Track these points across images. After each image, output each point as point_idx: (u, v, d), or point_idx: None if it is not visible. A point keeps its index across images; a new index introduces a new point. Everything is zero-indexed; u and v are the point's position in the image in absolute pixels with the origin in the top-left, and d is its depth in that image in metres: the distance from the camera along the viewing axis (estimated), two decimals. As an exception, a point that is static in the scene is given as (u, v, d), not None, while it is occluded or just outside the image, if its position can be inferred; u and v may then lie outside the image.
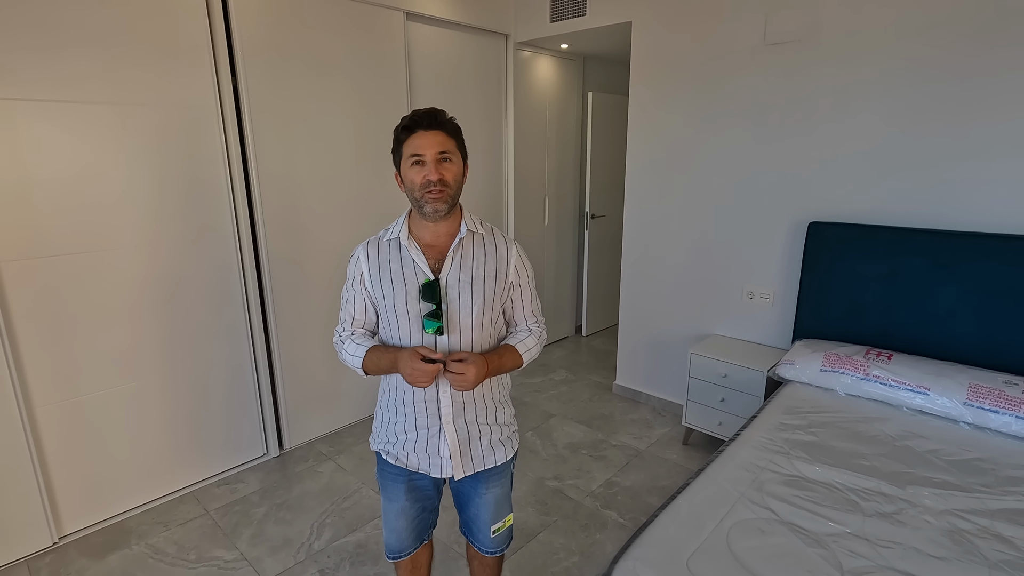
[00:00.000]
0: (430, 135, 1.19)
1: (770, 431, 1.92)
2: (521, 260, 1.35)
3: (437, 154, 1.19)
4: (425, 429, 1.32)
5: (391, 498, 1.41)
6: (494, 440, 1.37)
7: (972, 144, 2.11)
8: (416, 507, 1.42)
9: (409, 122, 1.20)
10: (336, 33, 2.64)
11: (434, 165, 1.19)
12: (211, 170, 2.34)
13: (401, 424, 1.34)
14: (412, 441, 1.33)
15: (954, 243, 2.12)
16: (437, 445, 1.32)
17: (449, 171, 1.21)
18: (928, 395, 1.98)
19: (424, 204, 1.21)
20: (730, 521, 1.44)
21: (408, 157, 1.20)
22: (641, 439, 2.89)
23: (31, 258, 1.96)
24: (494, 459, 1.37)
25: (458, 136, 1.25)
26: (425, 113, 1.20)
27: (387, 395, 1.36)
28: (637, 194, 3.14)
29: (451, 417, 1.31)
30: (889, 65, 2.24)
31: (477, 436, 1.35)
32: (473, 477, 1.38)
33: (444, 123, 1.22)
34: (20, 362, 1.98)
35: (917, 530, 1.41)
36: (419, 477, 1.38)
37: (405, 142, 1.21)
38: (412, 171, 1.20)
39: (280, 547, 2.12)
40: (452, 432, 1.31)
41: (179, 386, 2.39)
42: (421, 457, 1.34)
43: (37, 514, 2.06)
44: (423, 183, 1.19)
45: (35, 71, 1.88)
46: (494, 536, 1.45)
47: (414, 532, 1.45)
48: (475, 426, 1.34)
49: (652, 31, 2.90)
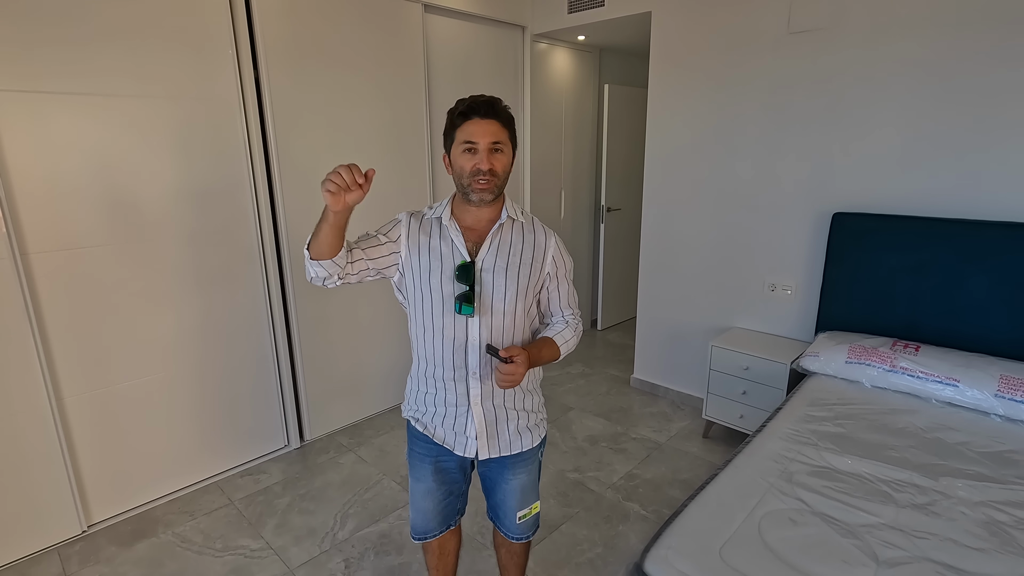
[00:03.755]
0: (485, 124, 1.19)
1: (796, 423, 1.90)
2: (560, 252, 1.35)
3: (490, 143, 1.19)
4: (454, 407, 1.33)
5: (419, 478, 1.42)
6: (521, 426, 1.38)
7: (1001, 133, 2.07)
8: (443, 489, 1.43)
9: (467, 108, 1.20)
10: (355, 26, 2.64)
11: (486, 155, 1.19)
12: (234, 162, 2.35)
13: (432, 396, 1.35)
14: (440, 415, 1.35)
15: (984, 233, 2.09)
16: (464, 424, 1.34)
17: (499, 161, 1.21)
18: (958, 387, 1.95)
19: (471, 191, 1.22)
20: (761, 511, 1.43)
21: (461, 143, 1.20)
22: (660, 432, 2.88)
23: (60, 250, 1.99)
24: (520, 445, 1.38)
25: (511, 126, 1.25)
26: (484, 101, 1.20)
27: (419, 365, 1.36)
28: (656, 186, 3.12)
29: (479, 399, 1.32)
30: (916, 54, 2.20)
31: (504, 420, 1.36)
32: (499, 462, 1.39)
33: (500, 112, 1.22)
34: (50, 353, 2.01)
35: (952, 521, 1.39)
36: (446, 459, 1.39)
37: (460, 127, 1.21)
38: (463, 157, 1.21)
39: (304, 536, 2.14)
40: (480, 413, 1.33)
41: (203, 377, 2.41)
42: (448, 433, 1.36)
43: (67, 502, 2.09)
44: (473, 170, 1.20)
45: (63, 64, 1.90)
46: (520, 523, 1.46)
47: (440, 515, 1.46)
48: (503, 410, 1.35)
49: (672, 20, 2.87)
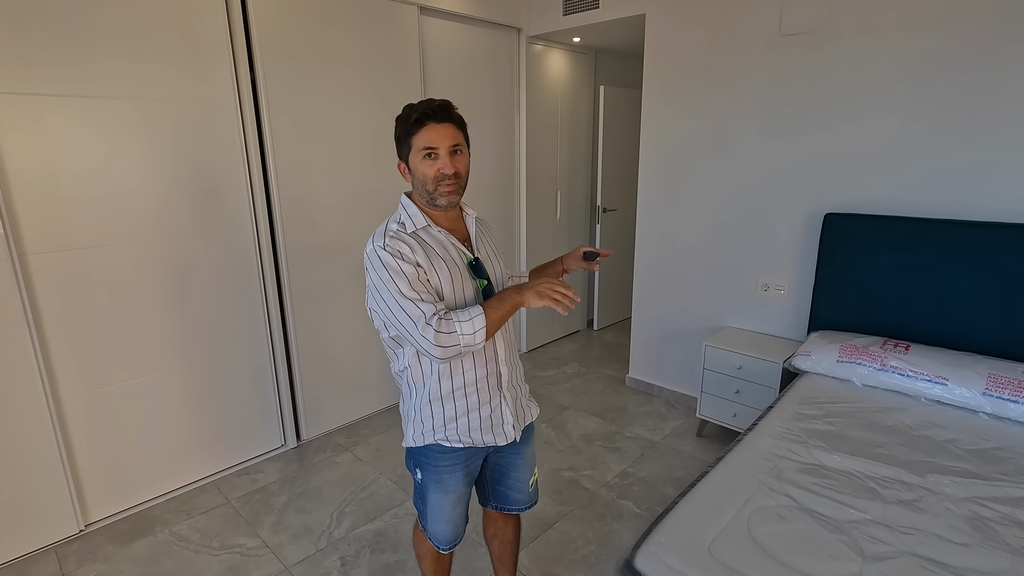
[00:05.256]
0: (442, 128, 1.20)
1: (787, 421, 1.92)
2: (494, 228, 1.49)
3: (450, 147, 1.21)
4: (488, 404, 1.35)
5: (448, 489, 1.38)
6: (527, 398, 1.49)
7: (989, 135, 2.10)
8: (469, 489, 1.45)
9: (420, 115, 1.19)
10: (351, 28, 2.66)
11: (448, 158, 1.20)
12: (230, 164, 2.37)
13: (462, 407, 1.31)
14: (476, 420, 1.34)
15: (972, 233, 2.12)
16: (501, 415, 1.37)
17: (461, 163, 1.24)
18: (946, 385, 1.97)
19: (438, 196, 1.23)
20: (750, 508, 1.45)
21: (420, 150, 1.20)
22: (655, 431, 2.91)
23: (57, 251, 2.00)
24: (530, 414, 1.49)
25: (465, 128, 1.28)
26: (437, 106, 1.21)
27: (441, 385, 1.29)
28: (651, 187, 3.14)
29: (508, 383, 1.38)
30: (906, 56, 2.22)
31: (520, 396, 1.44)
32: None
33: (454, 116, 1.24)
34: (47, 353, 2.02)
35: (938, 517, 1.41)
36: (475, 458, 1.40)
37: (416, 134, 1.20)
38: (424, 164, 1.21)
39: (301, 535, 2.16)
40: (511, 397, 1.39)
41: (200, 377, 2.43)
42: (486, 433, 1.36)
43: (64, 502, 2.11)
44: (437, 176, 1.21)
45: (59, 67, 1.92)
46: (531, 490, 1.53)
47: (465, 516, 1.47)
48: (518, 387, 1.44)
49: (666, 23, 2.90)
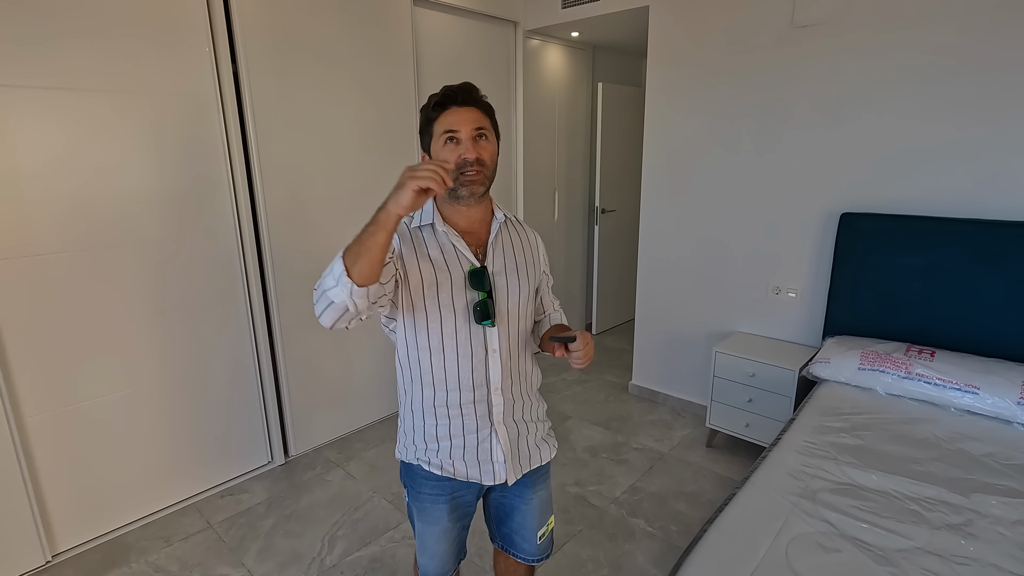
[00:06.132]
0: (465, 111, 1.08)
1: (811, 434, 1.81)
2: (543, 247, 1.32)
3: (474, 131, 1.07)
4: (474, 434, 1.18)
5: (431, 521, 1.25)
6: (539, 438, 1.29)
7: (1017, 130, 1.99)
8: (458, 525, 1.29)
9: (442, 98, 1.08)
10: (340, 18, 2.51)
11: (471, 143, 1.07)
12: (211, 161, 2.20)
13: (445, 428, 1.18)
14: (460, 448, 1.19)
15: (998, 233, 2.01)
16: (490, 449, 1.20)
17: (486, 149, 1.10)
18: (978, 394, 1.87)
19: (460, 186, 1.09)
20: (787, 536, 1.32)
21: (441, 135, 1.08)
22: (662, 441, 2.78)
23: (21, 256, 1.82)
24: (540, 457, 1.28)
25: (492, 115, 1.14)
26: (459, 88, 1.09)
27: (423, 395, 1.18)
28: (655, 186, 3.02)
29: (502, 416, 1.19)
30: (926, 48, 2.12)
31: (525, 434, 1.25)
32: (520, 481, 1.26)
33: (479, 100, 1.11)
34: (8, 368, 1.84)
35: (992, 544, 1.29)
36: (463, 492, 1.24)
37: (437, 119, 1.09)
38: (445, 150, 1.08)
39: (290, 562, 1.99)
40: (504, 433, 1.20)
41: (179, 390, 2.25)
42: (471, 465, 1.20)
43: (28, 531, 1.92)
44: (459, 162, 1.07)
45: (27, 56, 1.75)
46: (540, 542, 1.34)
47: (455, 553, 1.32)
48: (523, 424, 1.25)
49: (671, 15, 2.78)
